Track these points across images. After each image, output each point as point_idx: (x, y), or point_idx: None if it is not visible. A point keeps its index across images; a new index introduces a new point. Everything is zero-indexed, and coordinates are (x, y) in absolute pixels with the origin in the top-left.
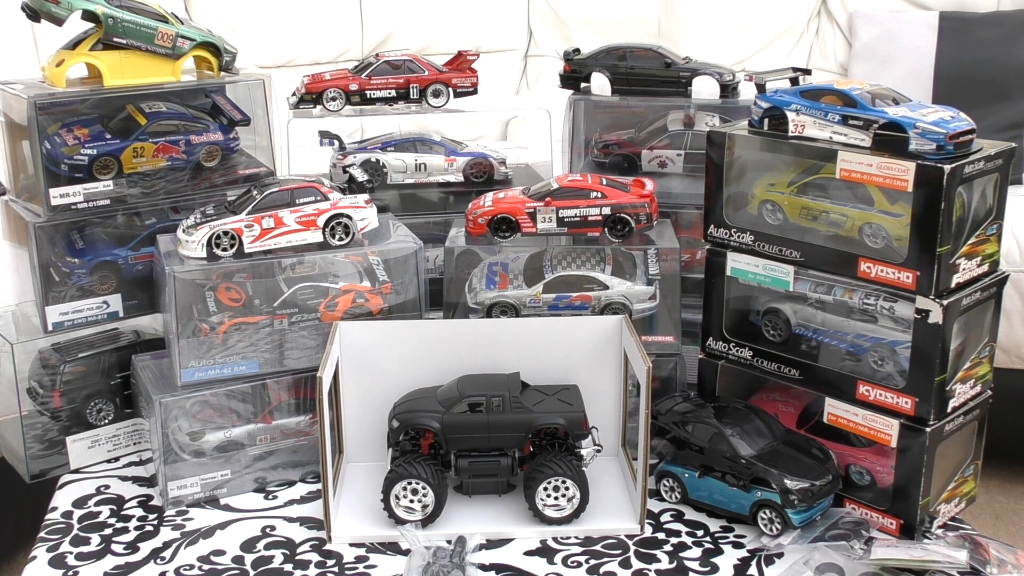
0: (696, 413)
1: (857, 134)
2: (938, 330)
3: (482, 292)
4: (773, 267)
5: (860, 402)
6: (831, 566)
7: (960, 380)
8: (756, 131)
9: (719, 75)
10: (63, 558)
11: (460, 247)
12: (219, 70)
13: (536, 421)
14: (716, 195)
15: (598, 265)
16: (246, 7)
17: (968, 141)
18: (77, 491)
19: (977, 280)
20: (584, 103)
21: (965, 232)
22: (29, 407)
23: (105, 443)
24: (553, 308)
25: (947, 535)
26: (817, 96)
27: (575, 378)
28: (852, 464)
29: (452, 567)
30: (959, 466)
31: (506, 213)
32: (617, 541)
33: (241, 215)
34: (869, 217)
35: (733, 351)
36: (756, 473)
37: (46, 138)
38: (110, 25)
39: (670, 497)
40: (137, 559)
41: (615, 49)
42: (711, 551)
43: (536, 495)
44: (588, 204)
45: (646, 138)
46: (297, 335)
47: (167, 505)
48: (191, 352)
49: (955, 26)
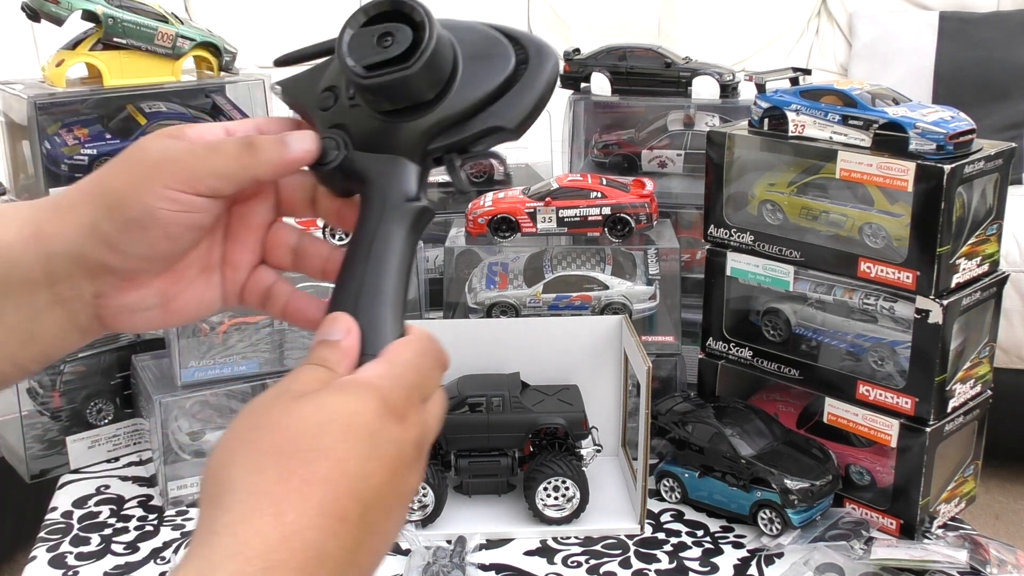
0: (696, 413)
1: (857, 134)
2: (938, 330)
3: (482, 292)
4: (773, 267)
5: (860, 402)
6: (831, 566)
7: (960, 380)
8: (756, 131)
9: (719, 75)
10: (63, 558)
11: (460, 247)
12: (219, 70)
13: (536, 421)
14: (716, 195)
15: (598, 265)
16: (246, 7)
17: (968, 141)
18: (77, 491)
19: (977, 280)
20: (584, 103)
21: (965, 232)
22: (29, 407)
23: (105, 443)
24: (553, 308)
25: (947, 535)
26: (817, 96)
27: (575, 378)
28: (852, 464)
29: (452, 567)
30: (959, 466)
31: (506, 213)
32: (617, 541)
33: None
34: (869, 217)
35: (733, 351)
36: (756, 473)
37: (46, 138)
38: (110, 25)
39: (670, 497)
40: (137, 559)
41: (615, 49)
42: (711, 551)
43: (536, 495)
44: (588, 204)
45: (646, 138)
46: (297, 335)
47: (167, 505)
48: (191, 352)
49: (955, 26)
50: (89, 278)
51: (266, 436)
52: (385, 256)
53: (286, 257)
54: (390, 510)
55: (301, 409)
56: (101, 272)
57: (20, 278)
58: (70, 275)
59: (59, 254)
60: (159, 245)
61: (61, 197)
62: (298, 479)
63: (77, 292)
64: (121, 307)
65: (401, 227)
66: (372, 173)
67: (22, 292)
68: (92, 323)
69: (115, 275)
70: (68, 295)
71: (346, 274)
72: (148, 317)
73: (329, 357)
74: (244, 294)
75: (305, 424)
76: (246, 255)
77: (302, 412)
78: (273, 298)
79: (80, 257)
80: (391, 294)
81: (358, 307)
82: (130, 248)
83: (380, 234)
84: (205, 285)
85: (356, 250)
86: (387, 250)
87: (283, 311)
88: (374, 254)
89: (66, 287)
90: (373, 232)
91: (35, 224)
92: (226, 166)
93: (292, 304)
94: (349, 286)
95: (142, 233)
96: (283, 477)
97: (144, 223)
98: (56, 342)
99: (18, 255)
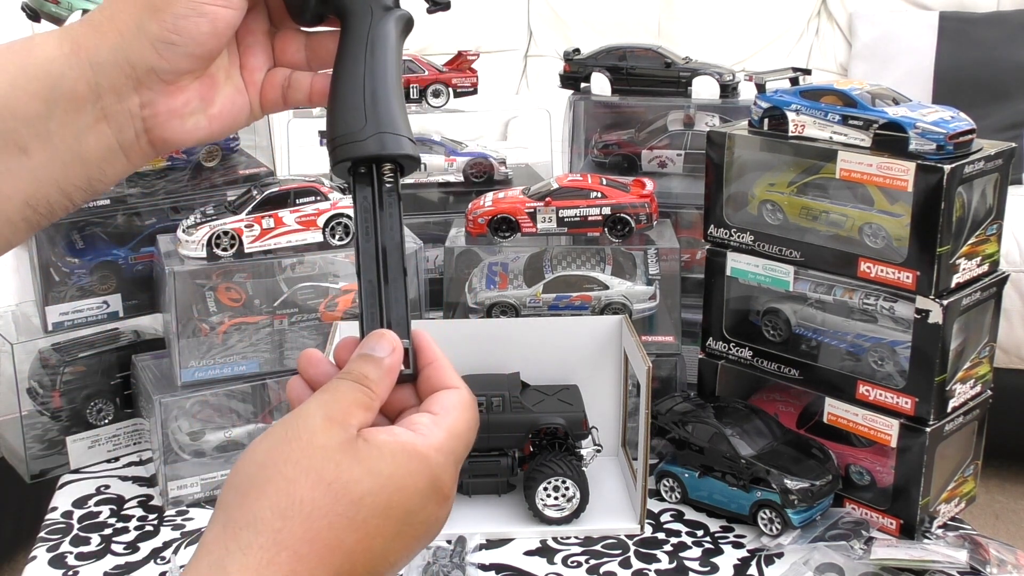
0: (696, 413)
1: (857, 134)
2: (938, 330)
3: (482, 292)
4: (773, 267)
5: (860, 402)
6: (831, 566)
7: (960, 380)
8: (756, 131)
9: (719, 75)
10: (63, 558)
11: (460, 247)
12: None
13: (536, 421)
14: (716, 195)
15: (598, 265)
16: None
17: (968, 141)
18: (77, 491)
19: (977, 280)
20: (584, 103)
21: (965, 232)
22: (29, 407)
23: (105, 443)
24: (553, 308)
25: (947, 535)
26: (817, 96)
27: (575, 378)
28: (852, 464)
29: (452, 567)
30: (959, 466)
31: (506, 213)
32: (617, 541)
33: (241, 215)
34: (869, 217)
35: (733, 351)
36: (756, 473)
37: None
38: None
39: (670, 497)
40: (137, 559)
41: (615, 49)
42: (711, 551)
43: (536, 495)
44: (588, 204)
45: (646, 138)
46: (297, 335)
47: (167, 505)
48: (191, 352)
49: (955, 26)
50: (135, 86)
51: (306, 479)
52: (384, 51)
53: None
54: (399, 564)
55: (350, 464)
56: (146, 77)
57: (65, 93)
58: (115, 85)
59: (104, 63)
60: (206, 40)
61: (93, 14)
62: (323, 544)
63: (124, 104)
64: (169, 113)
65: (391, 27)
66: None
67: (68, 108)
68: (139, 140)
69: (160, 79)
70: (114, 108)
71: (347, 72)
72: (195, 124)
73: (371, 375)
74: (264, 95)
75: (348, 484)
76: (258, 59)
77: (350, 469)
78: (295, 85)
79: (126, 63)
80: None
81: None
82: (179, 46)
83: (374, 34)
84: (234, 89)
85: (355, 48)
86: (385, 46)
87: (309, 95)
88: (372, 49)
89: (112, 99)
90: (367, 32)
91: (72, 40)
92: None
93: (317, 84)
94: (354, 79)
95: (191, 28)
96: (310, 536)
97: (192, 18)
98: (101, 164)
99: (61, 69)
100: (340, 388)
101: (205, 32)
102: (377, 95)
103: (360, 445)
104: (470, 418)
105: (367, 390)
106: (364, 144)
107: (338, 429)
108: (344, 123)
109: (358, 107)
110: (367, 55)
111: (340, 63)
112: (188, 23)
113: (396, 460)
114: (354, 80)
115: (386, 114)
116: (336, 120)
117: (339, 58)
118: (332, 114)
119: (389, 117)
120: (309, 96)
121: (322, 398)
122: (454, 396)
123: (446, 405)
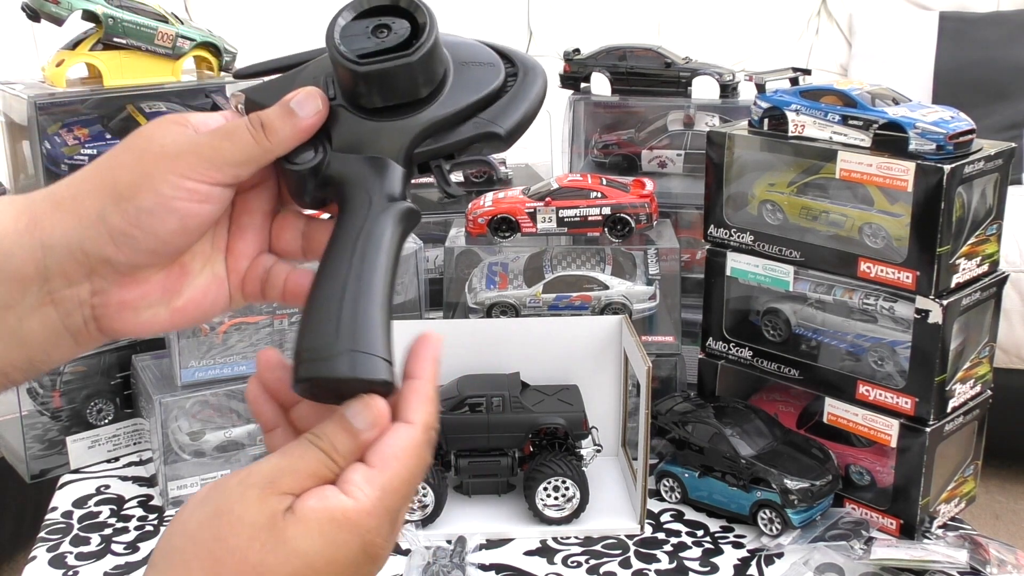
0: (696, 413)
1: (857, 134)
2: (938, 330)
3: (482, 292)
4: (773, 267)
5: (860, 402)
6: (831, 566)
7: (960, 380)
8: (756, 131)
9: (719, 75)
10: (63, 558)
11: (460, 247)
12: (219, 70)
13: (536, 421)
14: (716, 195)
15: (598, 265)
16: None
17: (968, 141)
18: (77, 491)
19: (977, 280)
20: (584, 103)
21: (965, 232)
22: (29, 407)
23: (105, 443)
24: (553, 308)
25: (947, 535)
26: (817, 96)
27: (575, 378)
28: (852, 464)
29: (452, 567)
30: (959, 466)
31: (506, 213)
32: (617, 541)
33: None
34: (869, 217)
35: (733, 351)
36: (756, 473)
37: (46, 138)
38: (110, 25)
39: (670, 497)
40: (137, 559)
41: (615, 49)
42: (711, 551)
43: (536, 495)
44: (588, 204)
45: (646, 138)
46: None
47: (167, 505)
48: (191, 352)
49: (955, 26)
50: (87, 274)
51: (231, 559)
52: (374, 253)
53: (295, 241)
54: None
55: (275, 545)
56: (101, 267)
57: (10, 272)
58: (66, 270)
59: (56, 247)
60: (172, 238)
61: (59, 188)
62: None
63: (73, 290)
64: (122, 305)
65: (388, 224)
66: (355, 174)
67: (11, 288)
68: (87, 327)
69: (116, 270)
70: (62, 293)
71: (328, 274)
72: (152, 316)
73: (340, 447)
74: (245, 285)
75: (273, 567)
76: (249, 244)
77: (275, 551)
78: (272, 280)
79: (79, 250)
80: (382, 301)
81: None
82: (140, 241)
83: (367, 230)
84: (211, 279)
85: (341, 246)
86: (377, 247)
87: (283, 292)
88: (361, 250)
89: (60, 283)
90: (359, 229)
91: (31, 215)
92: (245, 150)
93: (291, 281)
94: (334, 283)
95: (155, 225)
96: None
97: (158, 214)
98: (44, 347)
99: (11, 248)
100: (303, 457)
101: (171, 230)
102: (358, 305)
103: (289, 523)
104: (414, 466)
105: (331, 464)
106: (331, 363)
107: (273, 502)
108: (313, 334)
109: (331, 318)
110: (354, 256)
111: (325, 261)
112: (152, 219)
113: (324, 535)
114: (334, 283)
115: (363, 329)
116: (305, 329)
117: (325, 254)
118: (303, 321)
119: (366, 333)
120: (282, 293)
121: (280, 463)
122: (402, 439)
123: (386, 456)
